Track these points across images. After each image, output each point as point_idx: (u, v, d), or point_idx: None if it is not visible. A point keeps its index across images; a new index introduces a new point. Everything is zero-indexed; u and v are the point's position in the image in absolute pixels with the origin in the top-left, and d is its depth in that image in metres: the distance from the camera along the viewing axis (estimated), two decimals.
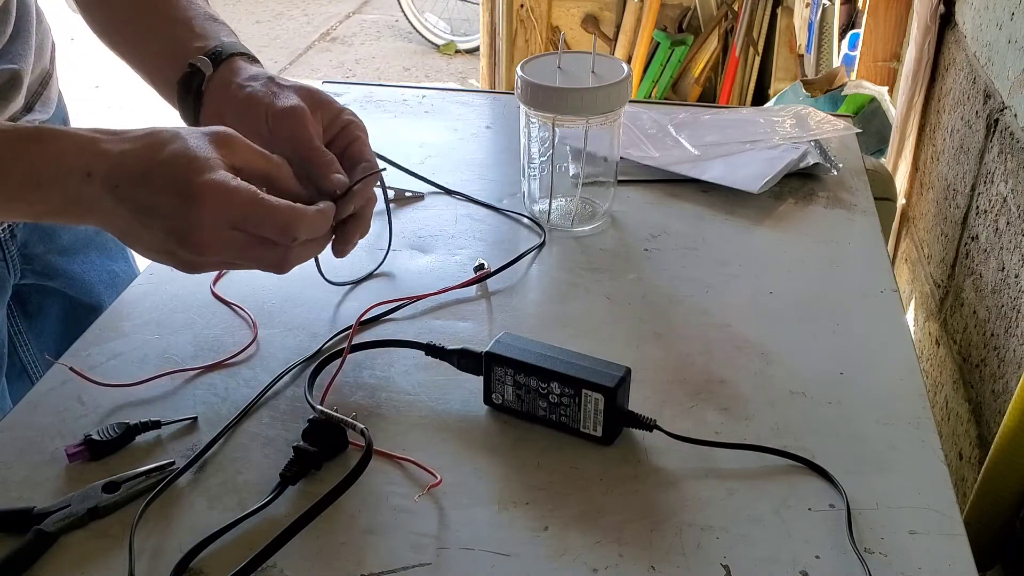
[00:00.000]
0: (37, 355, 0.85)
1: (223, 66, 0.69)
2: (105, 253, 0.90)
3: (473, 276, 0.79)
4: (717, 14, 2.90)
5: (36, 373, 0.85)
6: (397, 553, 0.55)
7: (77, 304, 0.87)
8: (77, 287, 0.87)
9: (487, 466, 0.61)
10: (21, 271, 0.81)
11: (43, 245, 0.83)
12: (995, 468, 0.76)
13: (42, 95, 0.80)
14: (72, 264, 0.87)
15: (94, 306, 0.88)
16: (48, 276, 0.85)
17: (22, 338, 0.84)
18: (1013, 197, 0.88)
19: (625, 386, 0.62)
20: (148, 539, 0.55)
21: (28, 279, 0.83)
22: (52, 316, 0.87)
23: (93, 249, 0.89)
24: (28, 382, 0.85)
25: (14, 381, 0.84)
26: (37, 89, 0.79)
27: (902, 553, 0.55)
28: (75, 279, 0.87)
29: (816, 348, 0.72)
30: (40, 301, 0.85)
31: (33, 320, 0.85)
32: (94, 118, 3.33)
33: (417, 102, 1.13)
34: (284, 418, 0.65)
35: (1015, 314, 0.85)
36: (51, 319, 0.86)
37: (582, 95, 0.80)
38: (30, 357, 0.85)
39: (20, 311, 0.83)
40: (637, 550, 0.55)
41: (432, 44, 4.48)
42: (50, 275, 0.85)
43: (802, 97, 1.89)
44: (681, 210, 0.91)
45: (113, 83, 3.64)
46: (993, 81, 0.97)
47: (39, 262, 0.83)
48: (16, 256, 0.80)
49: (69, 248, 0.86)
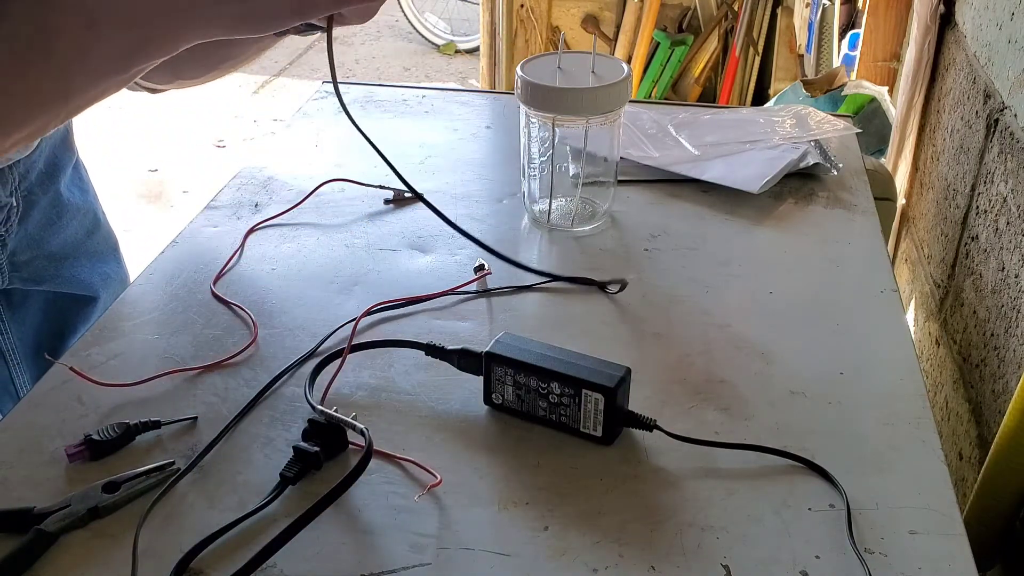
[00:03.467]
0: (16, 343, 0.85)
1: None
2: (96, 257, 0.90)
3: (473, 276, 0.79)
4: (717, 14, 2.90)
5: (15, 361, 0.85)
6: (397, 553, 0.55)
7: (62, 296, 0.87)
8: (65, 286, 0.87)
9: (487, 466, 0.61)
10: (9, 277, 0.81)
11: (31, 252, 0.82)
12: (995, 468, 0.76)
13: None
14: (61, 269, 0.86)
15: (83, 296, 0.88)
16: (36, 281, 0.84)
17: (4, 326, 0.84)
18: (1013, 197, 0.88)
19: (625, 386, 0.62)
20: (148, 539, 0.55)
21: (15, 284, 0.82)
22: (35, 307, 0.86)
23: (83, 254, 0.88)
24: (5, 368, 0.84)
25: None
26: None
27: (902, 553, 0.55)
28: (64, 281, 0.86)
29: (816, 348, 0.72)
30: (24, 295, 0.85)
31: (16, 311, 0.85)
32: (95, 118, 3.33)
33: (417, 102, 1.13)
34: (284, 418, 0.65)
35: (1015, 314, 0.85)
36: (33, 309, 0.86)
37: (582, 95, 0.80)
38: (10, 346, 0.85)
39: (4, 302, 0.83)
40: (637, 550, 0.55)
41: (432, 44, 4.48)
42: (38, 280, 0.84)
43: (802, 97, 1.89)
44: (681, 210, 0.91)
45: None
46: (993, 81, 0.97)
47: (27, 268, 0.83)
48: (5, 264, 0.80)
49: (59, 254, 0.85)
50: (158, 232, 2.77)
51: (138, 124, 3.63)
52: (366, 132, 0.68)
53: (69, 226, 0.86)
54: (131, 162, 3.40)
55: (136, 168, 3.39)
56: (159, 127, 3.63)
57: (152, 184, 3.31)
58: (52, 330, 0.87)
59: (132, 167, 3.37)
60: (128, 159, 3.41)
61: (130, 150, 3.47)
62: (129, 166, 3.37)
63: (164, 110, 3.71)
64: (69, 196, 0.85)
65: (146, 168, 3.41)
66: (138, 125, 3.63)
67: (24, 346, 0.85)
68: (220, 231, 0.86)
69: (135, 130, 3.61)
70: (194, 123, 3.72)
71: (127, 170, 3.34)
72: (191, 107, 3.79)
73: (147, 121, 3.65)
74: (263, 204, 0.91)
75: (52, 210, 0.83)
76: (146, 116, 3.68)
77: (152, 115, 3.69)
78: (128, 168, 3.36)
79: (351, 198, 0.92)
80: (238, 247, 0.83)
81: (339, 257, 0.83)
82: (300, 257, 0.83)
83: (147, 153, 3.49)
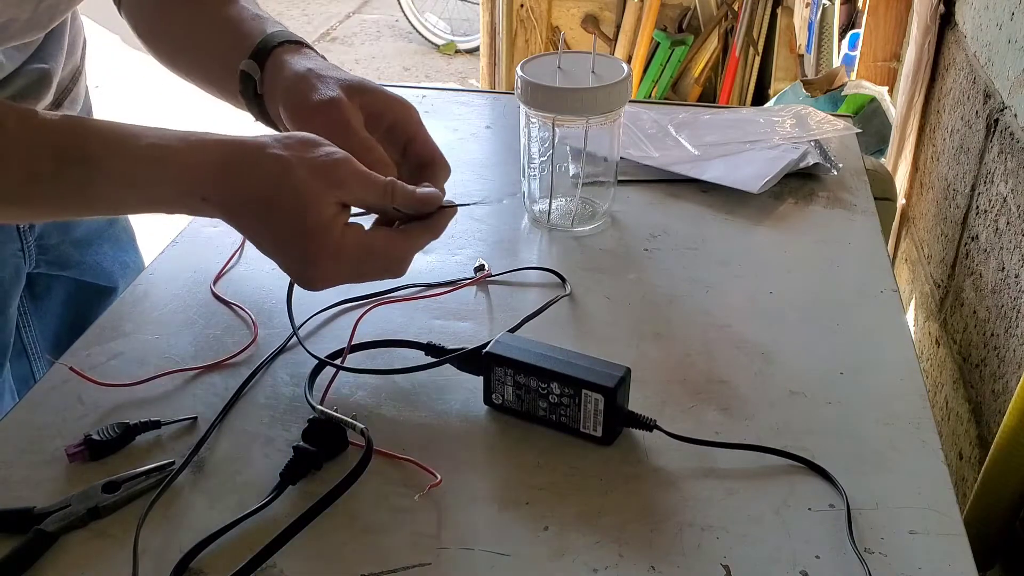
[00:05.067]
0: (38, 336, 0.86)
1: (268, 66, 0.68)
2: (117, 244, 0.92)
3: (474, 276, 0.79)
4: (717, 14, 2.90)
5: (36, 355, 0.86)
6: (397, 553, 0.55)
7: (84, 287, 0.89)
8: (88, 274, 0.89)
9: (487, 466, 0.61)
10: (36, 260, 0.83)
11: (58, 236, 0.84)
12: (995, 468, 0.76)
13: (71, 91, 0.80)
14: (85, 255, 0.88)
15: (105, 288, 0.90)
16: (60, 266, 0.86)
17: (26, 319, 0.84)
18: (1013, 197, 0.88)
19: (625, 386, 0.62)
20: (148, 539, 0.55)
21: (41, 268, 0.84)
22: (57, 298, 0.88)
23: (106, 240, 0.90)
24: (27, 363, 0.85)
25: (13, 360, 0.84)
26: (67, 86, 0.79)
27: (902, 553, 0.55)
28: (87, 267, 0.88)
29: (816, 348, 0.72)
30: (48, 283, 0.86)
31: (39, 301, 0.86)
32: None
33: (417, 102, 1.12)
34: (284, 418, 0.65)
35: (1015, 314, 0.85)
36: (56, 301, 0.87)
37: (582, 95, 0.80)
38: (31, 338, 0.85)
39: (27, 293, 0.84)
40: (637, 550, 0.55)
41: (432, 44, 4.47)
42: (62, 265, 0.86)
43: (802, 97, 1.89)
44: (681, 210, 0.91)
45: (113, 83, 3.63)
46: (993, 81, 0.97)
47: (53, 252, 0.84)
48: (33, 246, 0.81)
49: (83, 239, 0.87)
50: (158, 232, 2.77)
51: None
52: None
53: None
54: None
55: None
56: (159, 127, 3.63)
57: None
58: (72, 323, 0.88)
59: None
60: None
61: None
62: None
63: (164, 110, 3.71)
64: None
65: None
66: None
67: (45, 340, 0.86)
68: (220, 231, 0.86)
69: None
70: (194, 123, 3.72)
71: None
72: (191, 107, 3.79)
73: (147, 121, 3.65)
74: None
75: None
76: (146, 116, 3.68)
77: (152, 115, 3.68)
78: None
79: None
80: (238, 247, 0.83)
81: None
82: None
83: None
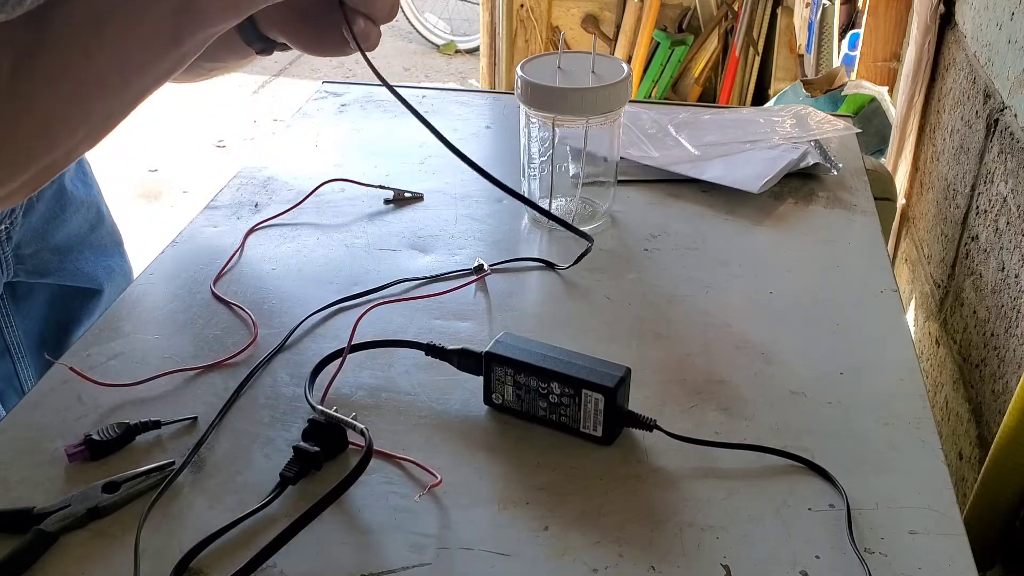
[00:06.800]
0: (21, 336, 0.85)
1: None
2: (101, 251, 0.90)
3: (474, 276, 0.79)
4: (717, 14, 2.90)
5: (20, 355, 0.85)
6: (397, 553, 0.55)
7: (67, 290, 0.88)
8: (70, 279, 0.88)
9: (487, 466, 0.61)
10: (14, 270, 0.82)
11: (36, 244, 0.83)
12: (995, 468, 0.76)
13: None
14: (65, 261, 0.87)
15: (89, 290, 0.89)
16: (40, 274, 0.85)
17: (8, 320, 0.84)
18: (1013, 197, 0.88)
19: (625, 386, 0.62)
20: (148, 539, 0.55)
21: (20, 277, 0.83)
22: (40, 300, 0.87)
23: (88, 247, 0.89)
24: (10, 362, 0.84)
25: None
26: None
27: (902, 553, 0.55)
28: (68, 274, 0.87)
29: (816, 348, 0.72)
30: (29, 288, 0.85)
31: (21, 303, 0.85)
32: None
33: (417, 102, 1.13)
34: (284, 418, 0.65)
35: (1015, 314, 0.85)
36: (39, 303, 0.87)
37: (582, 95, 0.80)
38: (14, 339, 0.85)
39: (8, 296, 0.83)
40: (637, 550, 0.55)
41: (432, 44, 4.48)
42: (42, 273, 0.85)
43: (802, 97, 1.89)
44: (681, 210, 0.91)
45: None
46: (993, 81, 0.97)
47: (31, 261, 0.83)
48: (10, 256, 0.81)
49: (63, 247, 0.86)
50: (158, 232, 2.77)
51: (138, 124, 3.63)
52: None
53: (73, 219, 0.86)
54: (131, 162, 3.40)
55: (136, 168, 3.38)
56: (159, 127, 3.63)
57: (152, 184, 3.31)
58: (57, 323, 0.88)
59: (132, 167, 3.37)
60: (128, 159, 3.41)
61: (130, 150, 3.47)
62: (129, 166, 3.37)
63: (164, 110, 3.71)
64: (73, 190, 0.86)
65: (146, 168, 3.41)
66: (138, 125, 3.63)
67: (29, 340, 0.86)
68: (220, 231, 0.86)
69: (135, 130, 3.60)
70: (194, 123, 3.72)
71: (127, 170, 3.34)
72: (191, 107, 3.79)
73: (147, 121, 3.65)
74: (263, 204, 0.91)
75: (56, 203, 0.84)
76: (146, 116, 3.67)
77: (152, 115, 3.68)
78: (128, 168, 3.36)
79: (351, 198, 0.92)
80: (238, 247, 0.83)
81: (339, 257, 0.83)
82: (300, 257, 0.83)
83: (147, 153, 3.49)
